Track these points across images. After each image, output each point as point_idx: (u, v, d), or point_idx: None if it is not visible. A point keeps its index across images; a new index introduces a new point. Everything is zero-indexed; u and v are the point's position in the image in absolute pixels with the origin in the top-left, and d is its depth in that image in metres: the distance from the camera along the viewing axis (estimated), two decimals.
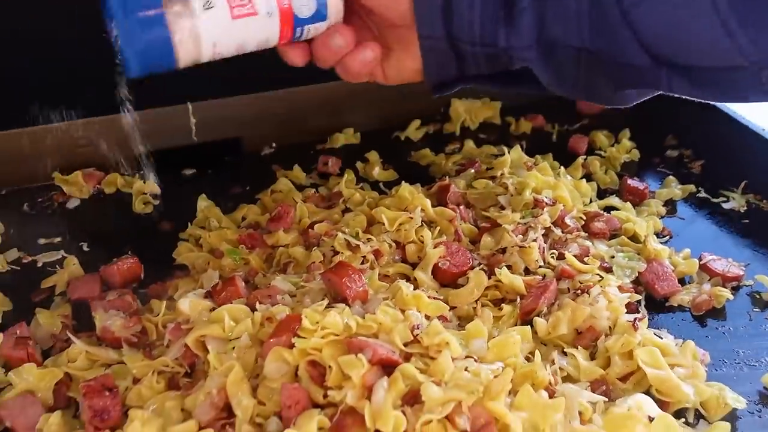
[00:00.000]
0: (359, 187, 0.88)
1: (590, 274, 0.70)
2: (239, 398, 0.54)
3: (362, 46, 0.62)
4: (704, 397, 0.59)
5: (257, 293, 0.66)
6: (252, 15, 0.57)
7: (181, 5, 0.54)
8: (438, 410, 0.50)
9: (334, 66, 0.64)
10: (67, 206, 0.88)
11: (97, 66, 0.86)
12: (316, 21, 0.60)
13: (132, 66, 0.55)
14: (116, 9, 0.53)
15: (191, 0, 0.54)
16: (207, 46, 0.56)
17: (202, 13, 0.54)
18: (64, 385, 0.61)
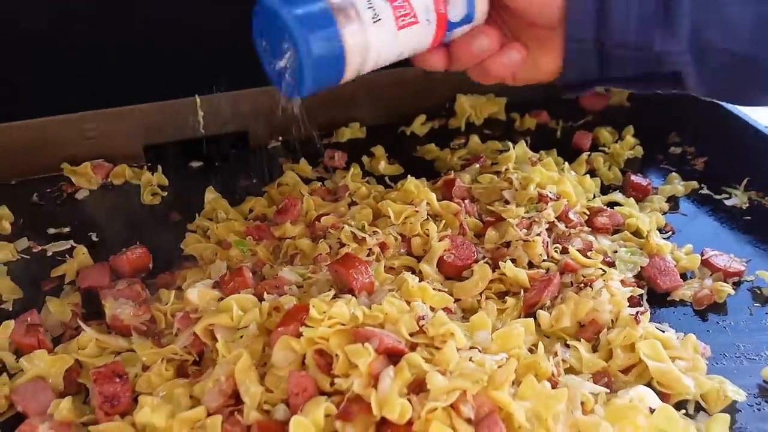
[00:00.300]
0: (365, 181, 0.89)
1: (593, 268, 0.71)
2: (247, 385, 0.55)
3: (508, 48, 0.61)
4: (704, 390, 0.59)
5: (265, 284, 0.67)
6: (414, 24, 0.56)
7: (353, 20, 0.53)
8: (443, 398, 0.51)
9: (470, 67, 0.63)
10: (76, 197, 0.89)
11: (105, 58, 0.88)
12: (464, 24, 0.59)
13: (306, 83, 0.54)
14: (294, 26, 0.52)
15: (361, 14, 0.54)
16: (372, 58, 0.56)
17: (371, 26, 0.54)
18: (75, 371, 0.62)
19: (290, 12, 0.52)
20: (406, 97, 1.04)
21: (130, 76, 0.92)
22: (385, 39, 0.55)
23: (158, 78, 0.93)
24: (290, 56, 0.53)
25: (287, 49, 0.53)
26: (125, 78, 0.91)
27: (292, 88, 0.56)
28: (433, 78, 1.05)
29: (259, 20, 0.56)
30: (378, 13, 0.54)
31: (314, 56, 0.52)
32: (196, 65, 0.93)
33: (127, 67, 0.90)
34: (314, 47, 0.52)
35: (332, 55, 0.53)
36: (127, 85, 0.92)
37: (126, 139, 0.94)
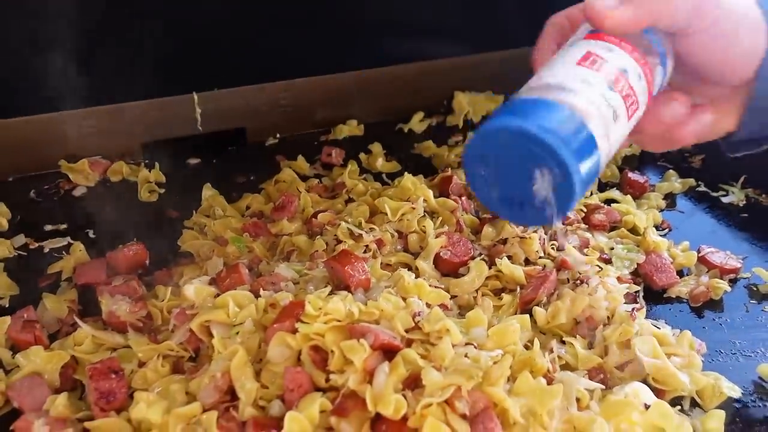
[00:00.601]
0: (362, 178, 0.89)
1: (590, 265, 0.71)
2: (243, 382, 0.55)
3: (699, 112, 0.56)
4: (700, 386, 0.59)
5: (261, 280, 0.67)
6: (637, 110, 0.52)
7: (601, 125, 0.48)
8: (438, 394, 0.51)
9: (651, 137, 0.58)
10: (74, 194, 0.89)
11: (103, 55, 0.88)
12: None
13: (569, 207, 0.48)
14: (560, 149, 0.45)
15: (605, 116, 0.49)
16: (605, 161, 0.50)
17: (612, 125, 0.49)
18: (71, 367, 0.62)
19: (551, 133, 0.45)
20: (404, 94, 1.05)
21: (128, 73, 0.92)
22: (621, 132, 0.51)
23: (156, 75, 0.93)
24: (545, 181, 0.47)
25: (541, 174, 0.46)
26: (123, 75, 0.91)
27: (541, 216, 0.49)
28: (431, 75, 1.05)
29: (490, 145, 0.48)
30: (615, 109, 0.50)
31: (582, 178, 0.46)
32: (194, 62, 0.93)
33: (125, 64, 0.90)
34: (583, 169, 0.46)
35: (594, 171, 0.48)
36: (125, 82, 0.92)
37: (124, 136, 0.94)
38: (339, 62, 1.01)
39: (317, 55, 1.00)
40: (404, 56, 1.04)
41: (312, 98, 1.02)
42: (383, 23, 1.00)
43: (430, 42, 1.06)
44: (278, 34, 0.97)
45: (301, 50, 0.99)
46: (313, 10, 0.97)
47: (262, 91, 0.99)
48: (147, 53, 0.90)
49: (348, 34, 1.00)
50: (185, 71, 0.94)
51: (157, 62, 0.91)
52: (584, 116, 0.47)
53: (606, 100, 0.49)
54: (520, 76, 1.08)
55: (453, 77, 1.06)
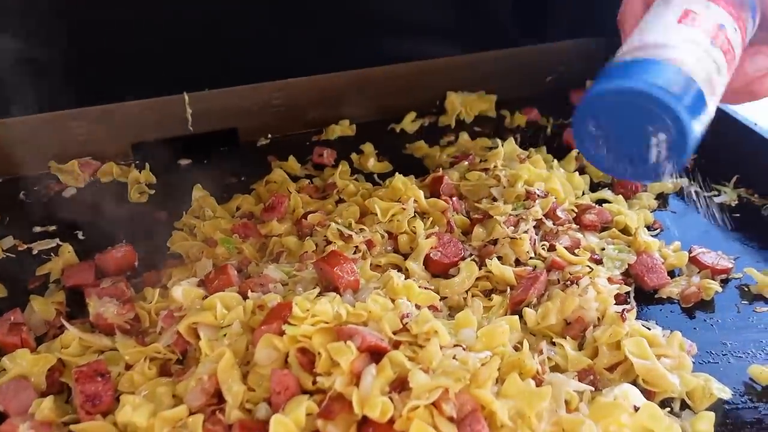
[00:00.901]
0: (353, 178, 0.88)
1: (580, 265, 0.70)
2: (229, 384, 0.55)
3: None
4: (690, 387, 0.59)
5: (249, 282, 0.66)
6: (733, 60, 0.54)
7: (711, 85, 0.51)
8: (425, 396, 0.51)
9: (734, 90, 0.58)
10: (63, 195, 0.89)
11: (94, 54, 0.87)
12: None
13: (684, 159, 0.50)
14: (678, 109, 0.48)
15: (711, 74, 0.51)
16: (713, 113, 0.53)
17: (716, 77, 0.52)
18: (57, 370, 0.62)
19: (664, 91, 0.48)
20: (397, 94, 1.04)
21: (118, 74, 0.91)
22: (723, 86, 0.53)
23: (146, 75, 0.92)
24: (658, 138, 0.49)
25: (655, 131, 0.49)
26: (113, 75, 0.91)
27: (655, 171, 0.51)
28: (423, 75, 1.05)
29: (602, 106, 0.50)
30: (718, 64, 0.52)
31: (695, 133, 0.49)
32: (185, 62, 0.93)
33: (115, 65, 0.90)
34: (696, 124, 0.49)
35: (705, 124, 0.51)
36: (115, 83, 0.92)
37: (114, 137, 0.94)
38: (331, 62, 1.01)
39: (309, 55, 1.00)
40: (396, 56, 1.04)
41: (304, 98, 1.01)
42: (375, 23, 1.00)
43: (423, 42, 1.05)
44: (270, 33, 0.96)
45: (293, 50, 0.99)
46: (306, 10, 0.96)
47: (254, 91, 0.99)
48: (137, 53, 0.90)
49: (340, 34, 0.99)
50: (176, 71, 0.93)
51: (148, 62, 0.91)
52: (692, 73, 0.49)
53: (709, 56, 0.51)
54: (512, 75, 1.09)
55: (445, 77, 1.06)
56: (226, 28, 0.93)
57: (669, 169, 0.51)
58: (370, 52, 1.02)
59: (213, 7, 0.92)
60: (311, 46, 0.99)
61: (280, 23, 0.96)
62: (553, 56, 1.09)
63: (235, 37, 0.94)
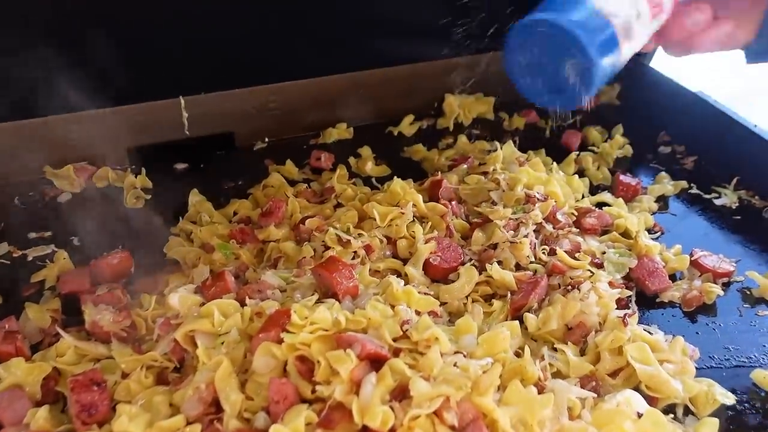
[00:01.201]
0: (351, 182, 0.88)
1: (581, 270, 0.70)
2: (227, 393, 0.54)
3: (720, 23, 0.64)
4: (693, 393, 0.59)
5: (247, 288, 0.66)
6: (660, 13, 0.61)
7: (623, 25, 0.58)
8: (426, 405, 0.50)
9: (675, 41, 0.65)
10: (58, 200, 0.88)
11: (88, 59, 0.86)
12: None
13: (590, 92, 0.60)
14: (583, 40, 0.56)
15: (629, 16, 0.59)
16: (627, 54, 0.61)
17: (634, 23, 0.59)
18: (53, 379, 0.61)
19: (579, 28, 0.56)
20: (394, 96, 1.04)
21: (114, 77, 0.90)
22: (643, 32, 0.60)
23: (142, 79, 0.91)
24: (573, 69, 0.58)
25: (570, 63, 0.58)
26: (109, 79, 0.90)
27: (570, 99, 0.61)
28: (420, 77, 1.04)
29: (527, 36, 0.59)
30: (639, 10, 0.59)
31: (604, 69, 0.58)
32: (181, 66, 0.92)
33: (111, 68, 0.89)
34: (604, 61, 0.57)
35: (614, 62, 0.59)
36: (111, 87, 0.91)
37: (109, 141, 0.93)
38: (328, 65, 1.00)
39: (306, 58, 0.99)
40: (394, 59, 1.03)
41: (301, 102, 1.01)
42: (372, 26, 0.99)
43: (420, 44, 1.04)
44: (267, 36, 0.95)
45: (290, 53, 0.98)
46: (302, 13, 0.96)
47: (251, 95, 0.98)
48: (132, 56, 0.89)
49: (337, 37, 0.98)
50: (172, 75, 0.92)
51: (143, 66, 0.90)
52: (609, 15, 0.57)
53: (634, 4, 0.58)
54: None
55: (443, 79, 1.05)
56: (222, 32, 0.92)
57: (580, 98, 0.60)
58: (367, 55, 1.01)
59: (209, 10, 0.91)
60: (308, 49, 0.98)
61: (276, 26, 0.95)
62: None
63: (232, 40, 0.93)
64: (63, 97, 0.89)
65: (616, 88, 1.09)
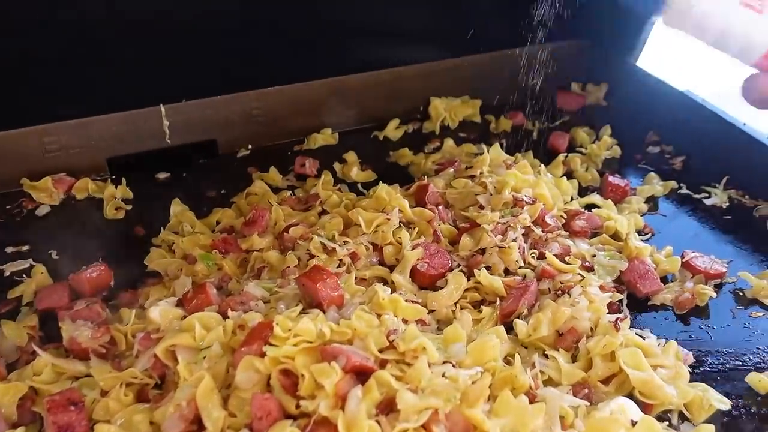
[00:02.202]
0: (337, 188, 0.86)
1: (571, 273, 0.69)
2: (209, 410, 0.53)
3: None
4: (688, 399, 0.57)
5: (230, 300, 0.64)
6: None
7: None
8: (414, 419, 0.49)
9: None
10: (37, 213, 0.86)
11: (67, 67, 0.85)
12: None
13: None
14: None
15: None
16: None
17: None
18: (29, 399, 0.59)
19: None
20: (379, 101, 1.02)
21: (92, 86, 0.88)
22: None
23: (121, 87, 0.90)
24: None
25: None
26: (87, 88, 0.88)
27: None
28: (405, 81, 1.03)
29: None
30: None
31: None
32: (161, 73, 0.90)
33: (89, 77, 0.87)
34: None
35: None
36: (89, 96, 0.89)
37: (88, 151, 0.91)
38: (312, 70, 0.99)
39: (289, 64, 0.97)
40: (378, 62, 1.02)
41: (284, 108, 0.99)
42: (355, 30, 0.97)
43: (405, 47, 1.03)
44: (249, 42, 0.94)
45: (273, 58, 0.96)
46: (285, 18, 0.94)
47: (233, 102, 0.96)
48: (111, 64, 0.87)
49: (320, 42, 0.97)
50: (152, 82, 0.91)
51: (122, 74, 0.88)
52: None
53: None
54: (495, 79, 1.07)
55: (428, 82, 1.04)
56: (203, 38, 0.91)
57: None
58: (351, 59, 1.00)
59: (189, 17, 0.89)
60: (291, 54, 0.97)
61: (259, 32, 0.94)
62: (537, 59, 1.08)
63: (213, 47, 0.92)
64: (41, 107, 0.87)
65: (603, 88, 1.08)
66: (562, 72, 1.06)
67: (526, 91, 1.07)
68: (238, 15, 0.92)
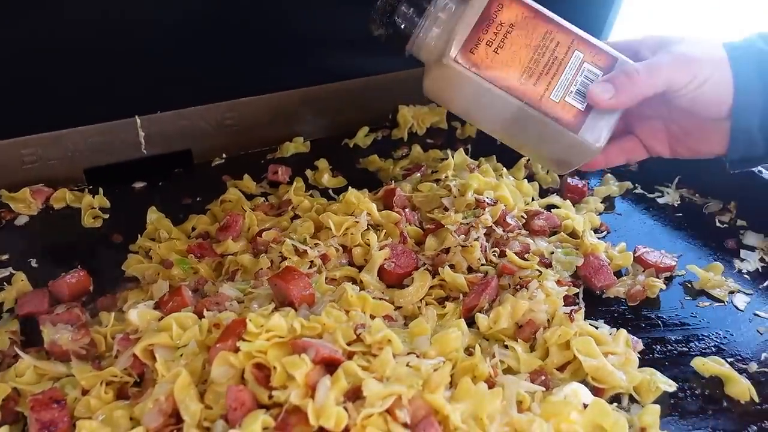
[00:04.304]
0: (309, 194, 0.89)
1: (530, 269, 0.72)
2: (187, 403, 0.55)
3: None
4: (636, 382, 0.61)
5: (205, 301, 0.67)
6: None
7: None
8: (378, 404, 0.52)
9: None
10: (16, 223, 0.88)
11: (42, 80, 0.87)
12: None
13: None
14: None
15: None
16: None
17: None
18: (12, 400, 0.61)
19: None
20: (349, 109, 1.06)
21: (68, 98, 0.91)
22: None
23: (97, 99, 0.92)
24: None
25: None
26: (63, 100, 0.91)
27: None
28: (374, 90, 1.07)
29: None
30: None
31: None
32: (135, 85, 0.93)
33: (64, 89, 0.89)
34: None
35: None
36: (65, 108, 0.92)
37: (65, 162, 0.93)
38: (284, 80, 1.02)
39: (262, 74, 1.00)
40: (348, 72, 1.05)
41: (257, 117, 1.02)
42: (326, 41, 1.01)
43: (373, 58, 1.07)
44: (220, 53, 0.97)
45: (246, 69, 0.99)
46: (256, 30, 0.97)
47: (207, 112, 0.99)
48: (86, 77, 0.90)
49: (291, 53, 1.00)
50: (127, 94, 0.93)
51: (98, 86, 0.91)
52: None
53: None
54: None
55: (396, 90, 1.07)
56: (176, 50, 0.94)
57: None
58: (321, 70, 1.03)
59: (161, 29, 0.92)
60: (263, 65, 1.00)
61: (230, 43, 0.96)
62: None
63: (186, 58, 0.94)
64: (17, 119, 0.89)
65: None
66: None
67: None
68: (211, 28, 0.94)
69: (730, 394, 0.63)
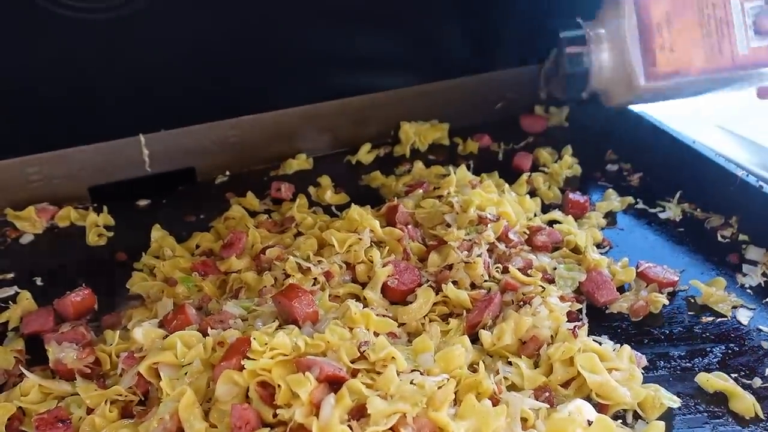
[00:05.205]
0: (312, 211, 0.90)
1: (533, 285, 0.73)
2: (191, 422, 0.56)
3: None
4: (640, 398, 0.61)
5: (209, 319, 0.67)
6: None
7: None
8: (383, 422, 0.52)
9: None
10: (21, 242, 0.88)
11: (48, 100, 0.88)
12: None
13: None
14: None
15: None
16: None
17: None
18: (17, 419, 0.61)
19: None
20: (351, 126, 1.07)
21: (72, 117, 0.92)
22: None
23: (101, 118, 0.93)
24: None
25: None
26: (67, 119, 0.92)
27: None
28: (376, 107, 1.07)
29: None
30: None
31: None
32: (140, 104, 0.94)
33: (69, 108, 0.90)
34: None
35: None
36: (70, 127, 0.93)
37: (70, 181, 0.94)
38: (286, 98, 1.03)
39: (265, 92, 1.01)
40: (350, 90, 1.06)
41: (261, 134, 1.03)
42: (329, 59, 1.02)
43: (375, 75, 1.08)
44: (225, 72, 0.98)
45: (249, 88, 1.00)
46: (260, 49, 0.98)
47: (210, 130, 1.00)
48: (91, 97, 0.91)
49: (295, 71, 1.01)
50: (131, 113, 0.94)
51: (102, 105, 0.92)
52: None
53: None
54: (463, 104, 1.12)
55: (398, 107, 1.08)
56: (179, 69, 0.95)
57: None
58: (324, 87, 1.04)
59: (165, 50, 0.93)
60: (266, 83, 1.01)
61: (233, 61, 0.98)
62: (501, 84, 1.13)
63: (189, 77, 0.96)
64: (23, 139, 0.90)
65: (565, 110, 1.14)
66: (525, 95, 1.12)
67: (492, 115, 1.13)
68: (215, 47, 0.96)
69: (734, 409, 0.62)
